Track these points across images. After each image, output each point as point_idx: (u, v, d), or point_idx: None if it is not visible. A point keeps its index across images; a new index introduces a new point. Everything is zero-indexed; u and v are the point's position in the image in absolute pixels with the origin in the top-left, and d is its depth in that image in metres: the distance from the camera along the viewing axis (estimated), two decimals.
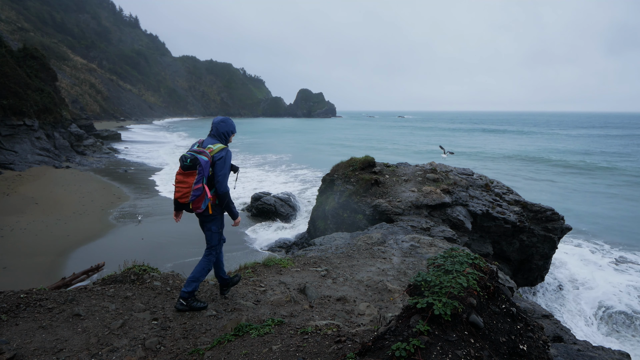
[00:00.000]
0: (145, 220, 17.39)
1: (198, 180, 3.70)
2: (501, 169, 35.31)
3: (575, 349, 4.43)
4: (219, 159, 3.82)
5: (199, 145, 3.90)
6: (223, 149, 3.88)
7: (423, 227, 9.27)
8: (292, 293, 5.11)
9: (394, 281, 5.85)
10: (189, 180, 3.70)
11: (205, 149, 3.81)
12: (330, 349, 3.11)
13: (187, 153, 3.76)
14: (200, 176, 3.71)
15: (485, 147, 55.39)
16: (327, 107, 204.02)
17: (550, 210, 11.89)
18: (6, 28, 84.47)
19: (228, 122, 4.03)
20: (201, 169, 3.70)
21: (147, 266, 5.44)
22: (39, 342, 3.50)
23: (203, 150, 3.78)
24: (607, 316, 10.21)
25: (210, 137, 3.98)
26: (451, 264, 2.59)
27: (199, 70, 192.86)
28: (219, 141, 3.95)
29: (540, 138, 73.98)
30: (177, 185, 3.80)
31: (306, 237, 14.18)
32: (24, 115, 28.89)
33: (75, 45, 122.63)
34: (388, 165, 13.71)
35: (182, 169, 3.75)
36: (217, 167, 3.81)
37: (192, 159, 3.70)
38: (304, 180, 29.00)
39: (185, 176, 3.73)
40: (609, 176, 32.20)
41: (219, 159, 3.81)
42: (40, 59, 38.34)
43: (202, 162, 3.71)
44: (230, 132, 4.05)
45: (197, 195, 3.74)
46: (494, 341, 2.22)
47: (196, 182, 3.70)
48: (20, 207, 17.52)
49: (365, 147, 53.78)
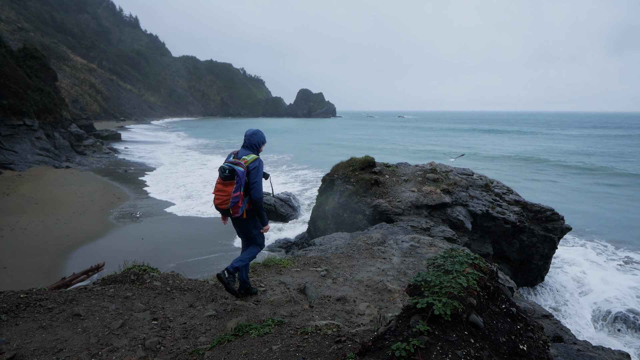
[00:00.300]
0: (145, 220, 17.39)
1: (236, 189, 4.05)
2: (501, 170, 35.31)
3: (575, 349, 4.43)
4: (253, 168, 4.15)
5: (234, 156, 4.22)
6: (256, 159, 4.21)
7: (423, 227, 9.27)
8: (292, 293, 5.11)
9: (394, 281, 5.85)
10: (228, 189, 4.06)
11: (241, 160, 4.14)
12: (330, 349, 3.12)
13: (225, 164, 4.11)
14: (238, 185, 4.06)
15: (485, 147, 55.38)
16: (327, 107, 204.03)
17: (550, 210, 11.89)
18: (6, 28, 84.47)
19: (259, 134, 4.36)
20: (238, 178, 4.05)
21: (147, 266, 5.44)
22: (39, 342, 3.50)
23: (239, 162, 4.12)
24: (607, 316, 10.21)
25: (244, 148, 4.32)
26: (451, 264, 2.59)
27: (199, 70, 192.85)
28: (251, 152, 4.29)
29: (540, 138, 73.94)
30: (217, 193, 4.14)
31: (306, 237, 14.18)
32: (24, 115, 28.90)
33: (75, 45, 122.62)
34: (388, 165, 13.71)
35: (222, 179, 4.10)
36: (251, 175, 4.15)
37: (230, 170, 4.06)
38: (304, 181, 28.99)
39: (225, 185, 4.08)
40: (610, 177, 32.15)
41: (253, 168, 4.15)
42: (40, 59, 38.34)
43: (239, 172, 4.06)
44: (261, 143, 4.38)
45: (235, 202, 4.09)
46: (494, 341, 2.22)
47: (234, 190, 4.05)
48: (20, 207, 17.53)
49: (367, 148, 53.81)
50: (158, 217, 17.95)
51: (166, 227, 16.61)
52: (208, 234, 15.57)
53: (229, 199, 4.06)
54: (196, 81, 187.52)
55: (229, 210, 4.13)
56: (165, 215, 18.36)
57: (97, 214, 17.72)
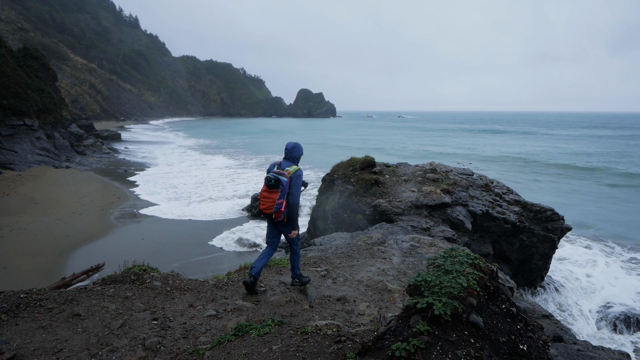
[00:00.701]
0: (145, 220, 17.38)
1: (280, 197, 4.55)
2: (500, 171, 35.28)
3: (575, 349, 4.43)
4: (295, 177, 4.65)
5: (277, 167, 4.71)
6: (298, 169, 4.71)
7: (423, 227, 9.27)
8: (292, 293, 5.11)
9: (394, 281, 5.85)
10: (273, 197, 4.58)
11: (284, 171, 4.62)
12: (330, 349, 3.12)
13: (271, 175, 4.59)
14: (282, 193, 4.55)
15: (485, 148, 55.33)
16: (327, 107, 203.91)
17: (550, 210, 11.89)
18: (6, 28, 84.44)
19: (298, 147, 4.88)
20: (282, 187, 4.54)
21: (147, 266, 5.44)
22: (39, 342, 3.50)
23: (283, 172, 4.60)
24: (608, 316, 10.21)
25: (285, 160, 4.81)
26: (451, 264, 2.59)
27: (199, 70, 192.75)
28: (292, 163, 4.79)
29: (540, 138, 73.84)
30: (262, 199, 4.66)
31: (306, 237, 14.18)
32: (24, 115, 28.89)
33: (75, 45, 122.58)
34: (388, 165, 13.71)
35: (267, 187, 4.62)
36: (292, 184, 4.64)
37: (276, 179, 4.54)
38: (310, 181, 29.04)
39: (270, 193, 4.61)
40: (613, 176, 32.04)
41: (295, 177, 4.64)
42: (40, 59, 38.34)
43: (284, 182, 4.55)
44: (300, 155, 4.91)
45: (278, 208, 4.57)
46: (494, 341, 2.22)
47: (279, 197, 4.55)
48: (20, 207, 17.52)
49: (367, 148, 53.79)
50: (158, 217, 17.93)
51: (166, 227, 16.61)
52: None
53: (273, 205, 4.56)
54: (196, 81, 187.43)
55: (272, 215, 4.62)
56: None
57: (97, 214, 17.71)
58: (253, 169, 35.50)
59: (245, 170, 34.47)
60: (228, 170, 33.67)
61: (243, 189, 25.32)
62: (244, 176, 31.04)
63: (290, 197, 4.63)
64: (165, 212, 18.92)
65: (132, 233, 15.60)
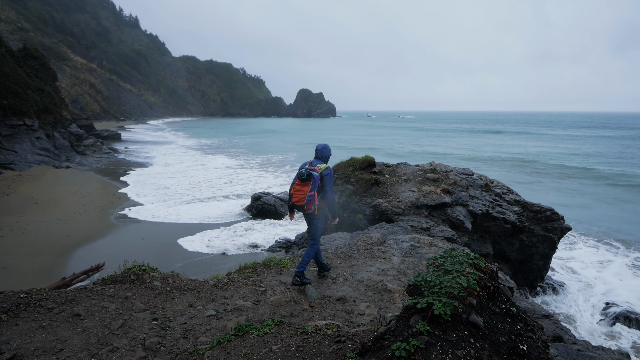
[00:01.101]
0: (145, 220, 17.39)
1: (311, 189, 4.98)
2: (501, 172, 35.24)
3: (575, 349, 4.43)
4: (327, 174, 5.11)
5: (309, 164, 5.17)
6: (327, 167, 5.16)
7: (423, 227, 9.27)
8: (292, 293, 5.11)
9: (394, 281, 5.85)
10: (305, 189, 5.01)
11: (315, 167, 5.08)
12: (330, 349, 3.12)
13: (303, 170, 5.07)
14: (313, 186, 4.98)
15: (485, 149, 55.28)
16: (327, 107, 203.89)
17: (550, 210, 11.89)
18: (6, 28, 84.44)
19: (328, 148, 5.35)
20: (314, 181, 4.99)
21: (147, 266, 5.44)
22: (39, 342, 3.50)
23: (314, 168, 5.07)
24: (608, 316, 10.20)
25: (316, 159, 5.29)
26: (451, 264, 2.59)
27: (199, 70, 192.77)
28: (323, 162, 5.26)
29: (541, 138, 73.71)
30: (295, 193, 5.09)
31: (306, 237, 14.18)
32: (24, 115, 28.89)
33: (75, 45, 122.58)
34: (388, 165, 13.70)
35: (300, 181, 5.05)
36: (325, 180, 5.09)
37: (308, 174, 5.01)
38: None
39: (302, 186, 5.04)
40: (616, 177, 31.91)
41: (326, 174, 5.10)
42: (40, 59, 38.34)
43: (315, 176, 5.01)
44: (329, 155, 5.39)
45: (310, 200, 4.99)
46: (494, 341, 2.22)
47: (310, 190, 4.98)
48: (20, 207, 17.52)
49: (364, 148, 53.78)
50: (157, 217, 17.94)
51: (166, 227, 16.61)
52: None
53: (305, 197, 4.98)
54: (196, 81, 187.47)
55: (303, 206, 5.03)
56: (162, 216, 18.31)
57: (97, 214, 17.72)
58: (253, 169, 35.47)
59: (245, 170, 34.43)
60: (227, 171, 33.54)
61: (240, 190, 25.25)
62: (242, 176, 30.90)
63: (327, 193, 5.13)
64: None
65: (132, 233, 15.61)
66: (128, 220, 17.08)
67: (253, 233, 16.28)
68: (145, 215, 18.08)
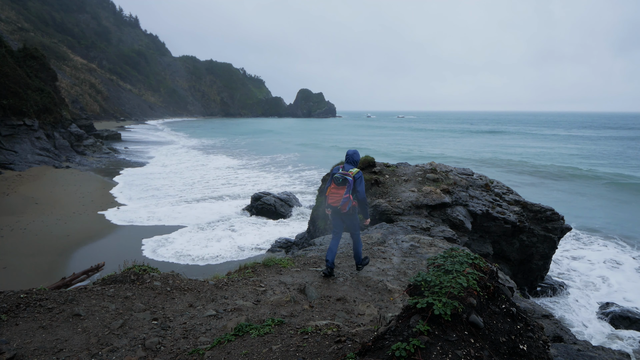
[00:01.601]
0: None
1: (346, 192, 5.47)
2: (501, 173, 35.18)
3: (575, 349, 4.43)
4: (358, 177, 5.57)
5: (342, 169, 5.65)
6: (359, 171, 5.63)
7: (423, 227, 9.27)
8: (292, 293, 5.11)
9: (394, 281, 5.85)
10: (340, 192, 5.49)
11: (348, 172, 5.55)
12: (330, 349, 3.12)
13: (338, 175, 5.54)
14: (348, 189, 5.48)
15: (485, 150, 55.16)
16: (327, 107, 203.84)
17: (550, 210, 11.89)
18: (6, 28, 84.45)
19: (357, 153, 5.86)
20: (348, 184, 5.48)
21: (147, 266, 5.44)
22: (39, 342, 3.50)
23: (348, 173, 5.54)
24: (608, 316, 10.20)
25: (347, 163, 5.73)
26: (451, 264, 2.59)
27: (199, 70, 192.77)
28: (353, 166, 5.71)
29: (543, 139, 73.41)
30: (331, 195, 5.60)
31: (306, 237, 14.18)
32: (24, 115, 28.89)
33: (75, 45, 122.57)
34: (388, 165, 13.70)
35: (336, 185, 5.54)
36: (357, 183, 5.57)
37: (343, 178, 5.49)
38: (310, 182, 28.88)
39: (338, 189, 5.53)
40: (619, 178, 31.81)
41: (358, 177, 5.57)
42: (40, 59, 38.34)
43: (349, 180, 5.49)
44: (358, 159, 5.87)
45: (345, 201, 5.49)
46: (494, 341, 2.22)
47: (345, 193, 5.47)
48: (20, 207, 17.52)
49: (365, 148, 53.74)
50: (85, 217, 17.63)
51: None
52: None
53: (340, 199, 5.47)
54: (196, 81, 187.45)
55: (339, 207, 5.51)
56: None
57: (97, 214, 17.71)
58: (254, 169, 35.41)
59: (244, 171, 34.37)
60: (226, 171, 33.40)
61: (238, 190, 25.13)
62: (240, 177, 30.72)
63: (359, 194, 5.64)
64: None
65: (132, 233, 15.61)
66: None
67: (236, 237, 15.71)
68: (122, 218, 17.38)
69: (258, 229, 16.90)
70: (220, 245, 14.74)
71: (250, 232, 16.42)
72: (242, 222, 17.76)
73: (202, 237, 15.41)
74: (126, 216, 17.71)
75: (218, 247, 14.52)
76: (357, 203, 5.78)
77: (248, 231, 16.57)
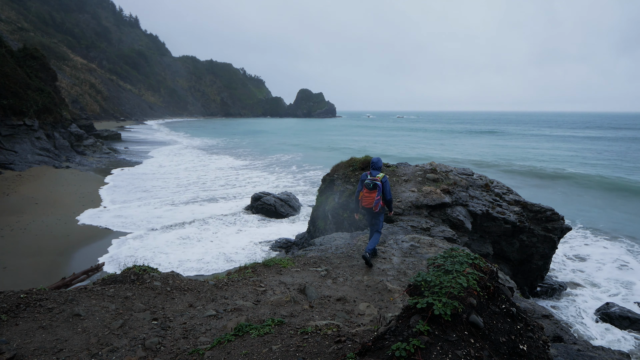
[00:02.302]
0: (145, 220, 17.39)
1: (377, 195, 6.37)
2: (502, 174, 35.12)
3: (575, 349, 4.43)
4: (385, 181, 6.48)
5: (370, 175, 6.47)
6: (384, 176, 6.52)
7: (423, 227, 9.27)
8: (292, 293, 5.11)
9: (394, 281, 5.85)
10: (372, 195, 6.37)
11: (376, 177, 6.40)
12: (330, 349, 3.12)
13: (368, 181, 6.37)
14: (379, 192, 6.38)
15: (487, 152, 55.08)
16: (327, 107, 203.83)
17: (550, 210, 11.88)
18: (6, 28, 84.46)
19: (380, 160, 6.68)
20: (378, 189, 6.37)
21: (147, 266, 5.44)
22: (39, 342, 3.50)
23: (376, 178, 6.40)
24: (608, 316, 10.20)
25: (373, 169, 6.52)
26: (451, 264, 2.59)
27: (199, 70, 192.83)
28: (379, 172, 6.52)
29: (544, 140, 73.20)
30: (364, 198, 6.45)
31: (306, 237, 14.18)
32: (24, 115, 28.89)
33: (75, 45, 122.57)
34: (388, 165, 13.70)
35: (368, 190, 6.39)
36: (385, 186, 6.49)
37: (374, 184, 6.35)
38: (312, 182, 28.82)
39: (370, 193, 6.39)
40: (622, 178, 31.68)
41: (385, 181, 6.47)
42: (40, 59, 38.34)
43: (379, 185, 6.38)
44: (382, 165, 6.98)
45: (377, 202, 6.39)
46: (494, 341, 2.22)
47: (377, 195, 6.37)
48: (20, 207, 17.52)
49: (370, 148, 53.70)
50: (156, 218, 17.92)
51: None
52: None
53: (373, 201, 6.36)
54: (196, 81, 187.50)
55: (372, 208, 6.42)
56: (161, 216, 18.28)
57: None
58: (256, 169, 35.35)
59: (247, 171, 34.33)
60: (225, 172, 33.31)
61: (234, 192, 25.10)
62: (241, 178, 30.59)
63: (387, 195, 6.51)
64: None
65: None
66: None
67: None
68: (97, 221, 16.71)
69: (257, 229, 16.89)
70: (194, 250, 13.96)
71: (249, 232, 16.40)
72: (242, 222, 17.75)
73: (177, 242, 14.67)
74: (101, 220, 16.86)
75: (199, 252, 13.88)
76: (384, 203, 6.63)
77: (243, 232, 16.54)
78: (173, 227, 16.59)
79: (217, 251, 14.00)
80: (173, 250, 13.87)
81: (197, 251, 13.89)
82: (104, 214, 17.89)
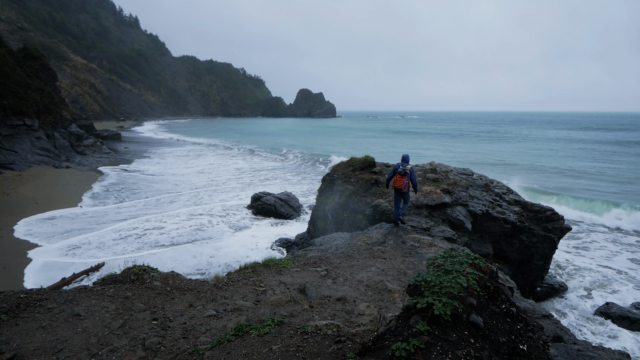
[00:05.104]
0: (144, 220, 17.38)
1: (407, 179, 8.61)
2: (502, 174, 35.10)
3: (575, 349, 4.43)
4: (412, 171, 8.67)
5: (401, 165, 8.61)
6: (412, 167, 8.66)
7: (423, 227, 9.27)
8: (292, 293, 5.11)
9: (394, 281, 5.85)
10: (403, 180, 8.57)
11: (406, 167, 8.56)
12: (330, 349, 3.11)
13: (401, 169, 8.56)
14: (408, 178, 8.62)
15: (484, 152, 55.02)
16: (327, 107, 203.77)
17: (550, 211, 11.88)
18: (6, 28, 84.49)
19: (408, 156, 8.82)
20: (408, 175, 8.59)
21: (147, 266, 5.44)
22: (39, 342, 3.50)
23: (406, 168, 8.55)
24: (608, 316, 10.19)
25: (404, 162, 8.69)
26: (451, 264, 2.59)
27: (199, 70, 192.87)
28: (407, 163, 8.66)
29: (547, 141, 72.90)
30: (397, 182, 8.64)
31: (306, 237, 14.18)
32: (24, 115, 28.89)
33: (75, 45, 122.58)
34: (388, 165, 13.70)
35: (400, 175, 8.58)
36: (412, 174, 8.69)
37: (404, 172, 8.51)
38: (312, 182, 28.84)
39: (402, 178, 8.57)
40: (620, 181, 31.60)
41: (412, 171, 8.68)
42: (40, 59, 38.32)
43: (409, 172, 8.58)
44: (409, 159, 8.77)
45: (406, 184, 8.63)
46: (494, 341, 2.22)
47: (406, 180, 8.61)
48: (20, 207, 17.52)
49: (370, 147, 53.68)
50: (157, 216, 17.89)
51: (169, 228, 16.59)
52: None
53: (403, 184, 8.56)
54: (196, 81, 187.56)
55: (401, 189, 8.64)
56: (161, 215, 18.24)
57: (97, 214, 17.70)
58: (257, 169, 35.38)
59: (247, 172, 34.36)
60: (226, 172, 33.44)
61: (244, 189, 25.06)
62: (241, 179, 30.73)
63: (414, 181, 8.73)
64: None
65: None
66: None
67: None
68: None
69: (257, 229, 16.88)
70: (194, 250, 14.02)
71: (249, 232, 16.39)
72: (242, 222, 17.74)
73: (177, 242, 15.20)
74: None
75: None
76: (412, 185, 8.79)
77: (240, 234, 16.53)
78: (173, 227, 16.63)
79: (216, 251, 14.00)
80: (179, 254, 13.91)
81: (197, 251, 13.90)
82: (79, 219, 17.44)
